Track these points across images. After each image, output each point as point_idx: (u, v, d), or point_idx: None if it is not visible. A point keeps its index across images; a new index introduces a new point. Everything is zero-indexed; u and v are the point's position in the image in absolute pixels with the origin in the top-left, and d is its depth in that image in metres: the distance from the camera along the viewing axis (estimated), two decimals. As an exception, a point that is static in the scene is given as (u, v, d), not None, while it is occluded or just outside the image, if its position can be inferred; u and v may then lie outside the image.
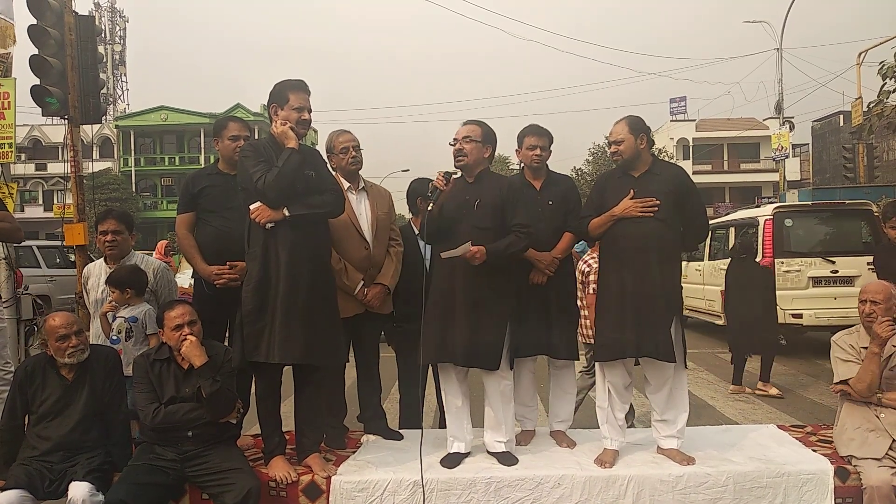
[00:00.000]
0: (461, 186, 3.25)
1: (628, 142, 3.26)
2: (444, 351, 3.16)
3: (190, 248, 3.54)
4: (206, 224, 3.56)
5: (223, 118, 3.75)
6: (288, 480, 3.03)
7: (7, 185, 6.39)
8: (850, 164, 21.83)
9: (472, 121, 3.33)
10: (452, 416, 3.31)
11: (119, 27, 54.04)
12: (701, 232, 3.51)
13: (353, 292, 3.50)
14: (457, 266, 3.13)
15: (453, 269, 3.15)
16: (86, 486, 2.80)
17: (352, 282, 3.50)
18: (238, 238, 3.40)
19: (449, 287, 3.19)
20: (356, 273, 3.52)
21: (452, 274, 3.17)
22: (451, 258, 3.08)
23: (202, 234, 3.55)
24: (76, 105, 6.50)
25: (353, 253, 3.54)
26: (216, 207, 3.53)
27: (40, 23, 6.30)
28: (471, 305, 3.13)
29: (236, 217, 3.41)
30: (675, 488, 3.05)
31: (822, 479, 3.06)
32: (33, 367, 3.08)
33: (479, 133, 3.26)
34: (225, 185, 3.53)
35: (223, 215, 3.50)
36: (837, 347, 3.27)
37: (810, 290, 7.89)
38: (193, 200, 3.57)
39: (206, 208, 3.55)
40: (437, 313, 3.20)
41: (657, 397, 3.31)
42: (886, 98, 9.65)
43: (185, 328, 2.97)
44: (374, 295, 3.55)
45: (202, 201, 3.55)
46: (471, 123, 3.31)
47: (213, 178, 3.60)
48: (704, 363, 7.74)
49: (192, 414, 2.97)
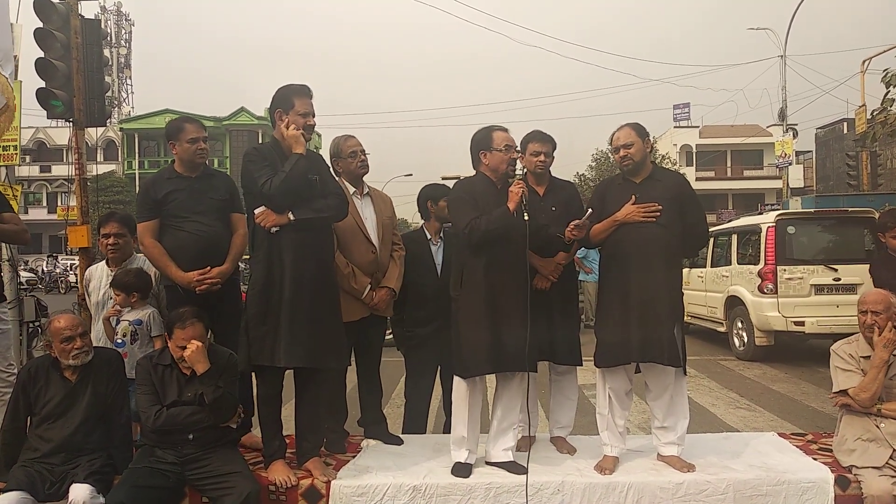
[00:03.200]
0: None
1: (637, 145, 3.27)
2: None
3: (160, 255, 3.36)
4: (177, 230, 3.39)
5: (178, 120, 3.54)
6: (288, 484, 3.03)
7: (11, 187, 6.44)
8: (854, 171, 21.79)
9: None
10: (472, 424, 3.22)
11: (125, 31, 54.35)
12: (701, 238, 3.51)
13: (361, 296, 3.51)
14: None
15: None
16: (86, 488, 2.81)
17: (360, 285, 3.51)
18: (216, 241, 3.40)
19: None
20: (364, 277, 3.54)
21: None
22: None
23: (174, 240, 3.38)
24: (81, 108, 6.52)
25: (360, 257, 3.55)
26: (185, 212, 3.40)
27: (46, 26, 6.34)
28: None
29: (208, 220, 3.40)
30: (675, 495, 3.05)
31: (822, 487, 3.05)
32: (37, 369, 3.09)
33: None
34: (190, 188, 3.43)
35: (194, 219, 3.40)
36: (837, 357, 3.26)
37: (812, 298, 7.87)
38: (158, 207, 3.40)
39: (174, 213, 3.40)
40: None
41: (658, 404, 3.30)
42: (890, 106, 9.64)
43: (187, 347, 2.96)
44: (382, 298, 3.56)
45: (169, 207, 3.40)
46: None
47: (176, 183, 3.44)
48: (706, 370, 7.72)
49: (193, 417, 2.98)
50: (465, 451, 3.20)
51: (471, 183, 3.35)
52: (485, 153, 3.28)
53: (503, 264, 3.13)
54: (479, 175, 3.34)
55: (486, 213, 3.11)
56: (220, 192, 3.52)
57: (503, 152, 3.23)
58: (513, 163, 3.28)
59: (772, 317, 7.92)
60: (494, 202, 3.18)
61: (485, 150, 3.28)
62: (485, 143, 3.28)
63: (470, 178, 3.41)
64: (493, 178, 3.28)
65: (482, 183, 3.30)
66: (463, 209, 3.20)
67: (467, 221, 3.12)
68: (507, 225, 3.10)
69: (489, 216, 3.10)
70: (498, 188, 3.26)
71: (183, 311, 3.03)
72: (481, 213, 3.12)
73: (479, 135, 3.32)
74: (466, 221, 3.12)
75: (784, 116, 21.53)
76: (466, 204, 3.20)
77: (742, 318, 8.53)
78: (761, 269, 8.08)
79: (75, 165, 6.88)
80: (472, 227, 3.10)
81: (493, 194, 3.23)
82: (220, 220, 3.48)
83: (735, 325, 8.74)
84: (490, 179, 3.28)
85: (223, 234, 3.48)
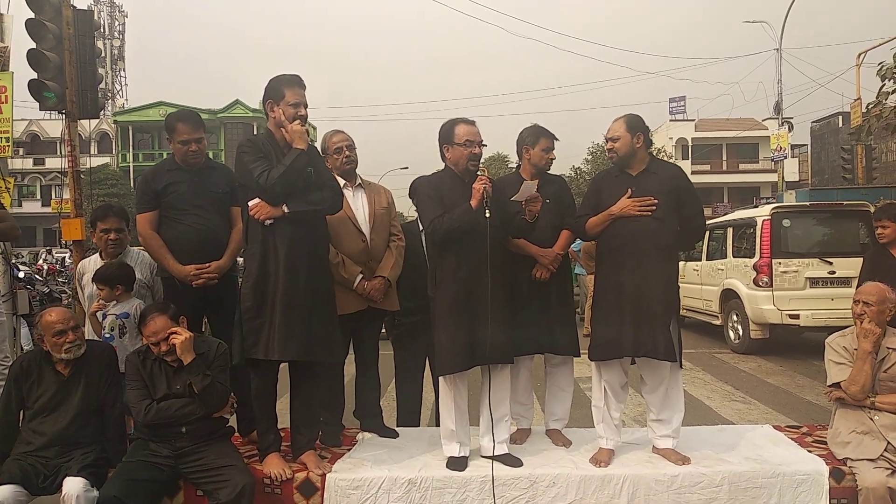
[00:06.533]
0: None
1: (624, 139, 3.26)
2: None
3: (159, 247, 3.38)
4: (176, 222, 3.41)
5: (173, 117, 3.51)
6: (283, 477, 3.03)
7: (4, 180, 6.38)
8: (849, 165, 21.85)
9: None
10: (460, 417, 3.21)
11: (118, 22, 54.01)
12: (698, 232, 3.50)
13: (352, 285, 3.49)
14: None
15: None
16: (80, 481, 2.80)
17: (350, 274, 3.48)
18: (214, 235, 3.39)
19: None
20: (354, 266, 3.51)
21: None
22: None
23: (172, 232, 3.40)
24: (74, 100, 6.47)
25: (349, 246, 3.53)
26: (185, 205, 3.41)
27: (38, 17, 6.28)
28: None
29: (207, 213, 3.39)
30: (670, 488, 3.05)
31: (817, 479, 3.06)
32: (29, 363, 3.08)
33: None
34: (190, 181, 3.44)
35: (193, 212, 3.40)
36: (831, 350, 3.26)
37: (807, 291, 7.90)
38: (157, 198, 3.41)
39: (173, 206, 3.41)
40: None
41: (653, 397, 3.30)
42: (885, 99, 9.64)
43: (161, 345, 2.94)
44: (374, 287, 3.52)
45: (169, 199, 3.40)
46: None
47: (176, 175, 3.45)
48: (701, 363, 7.75)
49: (184, 409, 2.96)
50: (456, 445, 3.19)
51: (438, 178, 3.30)
52: (447, 147, 3.23)
53: (470, 262, 3.11)
54: (445, 169, 3.30)
55: (449, 211, 3.09)
56: (220, 186, 3.51)
57: (463, 147, 3.18)
58: (474, 157, 3.20)
59: (767, 310, 7.94)
60: (461, 197, 3.13)
61: (447, 145, 3.23)
62: (447, 137, 3.22)
63: (437, 172, 3.37)
64: (457, 171, 3.24)
65: (449, 178, 3.25)
66: (427, 206, 3.17)
67: (430, 220, 3.09)
68: (470, 222, 3.07)
69: (451, 214, 3.08)
70: (465, 181, 3.21)
71: (144, 309, 3.06)
72: (446, 209, 3.10)
73: (443, 128, 3.26)
74: (429, 220, 3.10)
75: (779, 110, 21.55)
76: (431, 201, 3.17)
77: (737, 311, 8.56)
78: (756, 262, 8.10)
79: (68, 158, 6.82)
80: (435, 226, 3.08)
81: (460, 189, 3.18)
82: (219, 213, 3.48)
83: (730, 318, 8.77)
84: (456, 174, 3.24)
85: (222, 227, 3.48)
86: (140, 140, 43.90)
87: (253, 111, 41.31)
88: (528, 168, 3.57)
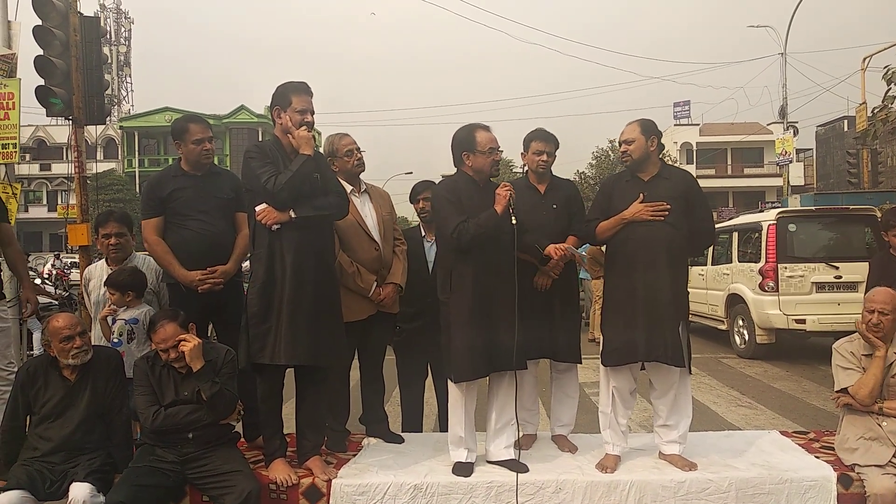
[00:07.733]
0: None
1: (639, 142, 3.25)
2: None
3: (164, 253, 3.38)
4: (181, 228, 3.41)
5: (182, 120, 3.53)
6: (288, 483, 3.02)
7: (11, 186, 6.41)
8: (854, 169, 21.81)
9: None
10: (469, 423, 3.20)
11: (124, 28, 54.21)
12: (708, 237, 3.50)
13: (368, 294, 3.50)
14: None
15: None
16: (86, 486, 2.80)
17: (366, 283, 3.49)
18: (220, 240, 3.40)
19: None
20: (369, 275, 3.52)
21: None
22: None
23: (178, 238, 3.40)
24: (80, 106, 6.52)
25: (364, 254, 3.53)
26: (189, 211, 3.41)
27: (45, 23, 6.33)
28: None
29: (212, 219, 3.40)
30: (676, 494, 3.04)
31: (824, 485, 3.04)
32: (35, 368, 3.08)
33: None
34: (195, 186, 3.45)
35: (199, 218, 3.41)
36: (838, 355, 3.25)
37: (814, 296, 7.86)
38: (162, 204, 3.42)
39: (178, 212, 3.42)
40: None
41: (662, 402, 3.30)
42: (891, 103, 9.65)
43: (170, 351, 2.95)
44: (388, 294, 3.56)
45: (174, 205, 3.41)
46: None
47: (182, 181, 3.45)
48: (707, 368, 7.72)
49: (192, 416, 2.97)
50: (463, 451, 3.19)
51: (454, 183, 3.29)
52: (468, 155, 3.22)
53: (492, 267, 3.11)
54: (460, 174, 3.29)
55: (474, 217, 3.08)
56: (225, 191, 3.52)
57: (487, 154, 3.19)
58: (496, 164, 3.23)
59: (773, 314, 7.92)
60: (479, 202, 3.15)
61: (468, 152, 3.22)
62: (468, 145, 3.22)
63: (452, 177, 3.35)
64: (475, 178, 3.25)
65: (465, 183, 3.25)
66: (449, 211, 3.16)
67: (455, 225, 3.08)
68: (496, 227, 3.08)
69: (477, 219, 3.07)
70: (481, 187, 3.22)
71: (154, 316, 3.07)
72: (466, 214, 3.09)
73: (461, 134, 3.25)
74: (454, 225, 3.09)
75: (784, 114, 21.51)
76: (451, 205, 3.16)
77: (743, 316, 8.53)
78: (762, 266, 8.08)
79: (75, 163, 6.88)
80: (461, 231, 3.07)
81: (477, 194, 3.19)
82: (224, 219, 3.49)
83: (736, 323, 8.74)
84: (472, 179, 3.24)
85: (227, 233, 3.48)
86: (146, 145, 44.07)
87: (258, 117, 41.48)
88: (531, 173, 3.57)
